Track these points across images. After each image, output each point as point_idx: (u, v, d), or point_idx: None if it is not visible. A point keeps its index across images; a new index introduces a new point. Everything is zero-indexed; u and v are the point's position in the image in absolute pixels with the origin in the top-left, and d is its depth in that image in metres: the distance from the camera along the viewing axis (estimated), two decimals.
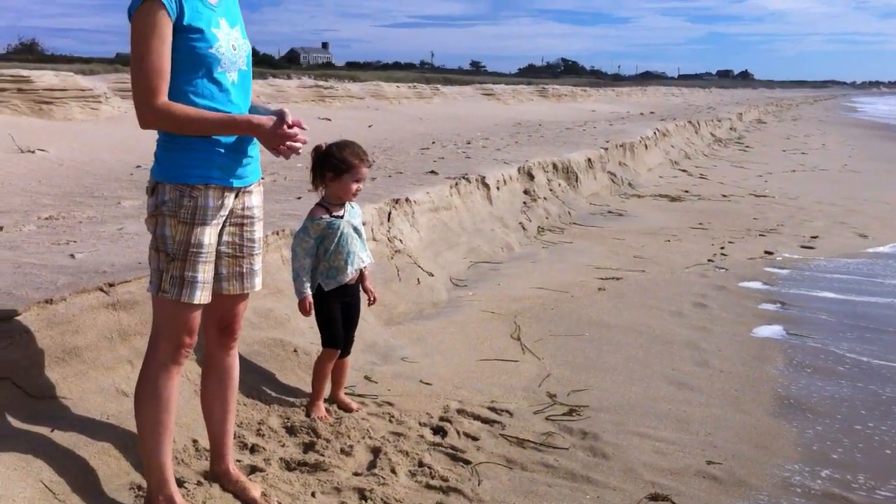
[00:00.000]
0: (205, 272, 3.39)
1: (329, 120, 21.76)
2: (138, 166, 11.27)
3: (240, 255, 3.57)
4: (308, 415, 4.57)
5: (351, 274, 4.61)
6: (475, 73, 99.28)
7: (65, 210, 7.34)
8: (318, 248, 4.56)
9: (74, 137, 14.10)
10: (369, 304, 4.90)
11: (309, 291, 4.51)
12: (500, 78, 66.43)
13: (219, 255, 3.50)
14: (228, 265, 3.55)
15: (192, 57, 3.28)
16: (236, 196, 3.49)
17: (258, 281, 3.68)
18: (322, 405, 4.64)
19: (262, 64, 45.93)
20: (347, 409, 4.72)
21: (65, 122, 16.00)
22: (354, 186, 4.52)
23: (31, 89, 16.19)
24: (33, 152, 11.91)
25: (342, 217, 4.58)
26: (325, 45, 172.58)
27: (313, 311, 4.57)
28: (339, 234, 4.54)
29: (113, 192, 8.86)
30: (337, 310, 4.65)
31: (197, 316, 3.46)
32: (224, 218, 3.46)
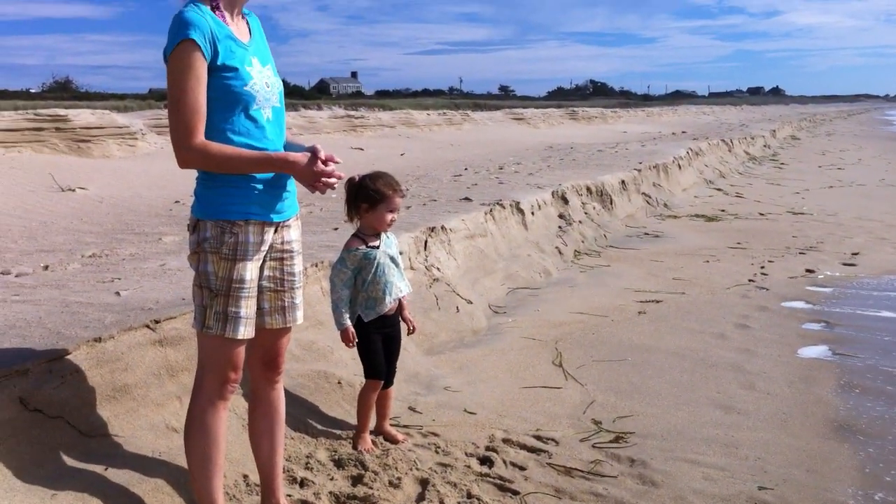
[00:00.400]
0: (248, 307, 3.42)
1: (362, 149, 21.90)
2: (177, 202, 11.40)
3: (281, 289, 3.60)
4: (355, 447, 4.58)
5: (389, 304, 4.62)
6: (504, 97, 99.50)
7: (107, 247, 7.44)
8: (355, 279, 4.58)
9: (113, 174, 14.30)
10: (409, 334, 4.91)
11: (349, 322, 4.54)
12: (530, 101, 66.54)
13: (260, 289, 3.53)
14: (270, 299, 3.58)
15: (228, 95, 3.33)
16: (276, 231, 3.53)
17: (300, 314, 3.71)
18: (368, 437, 4.65)
19: (293, 95, 46.32)
20: (393, 441, 4.72)
21: (103, 159, 16.25)
22: (389, 217, 4.55)
23: (68, 128, 16.49)
24: (74, 190, 12.11)
25: (378, 247, 4.60)
26: (354, 75, 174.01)
27: (355, 343, 4.58)
28: (375, 265, 4.56)
29: (153, 229, 8.96)
30: (378, 341, 4.66)
31: (241, 351, 3.49)
32: (265, 253, 3.50)
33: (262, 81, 3.43)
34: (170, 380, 4.34)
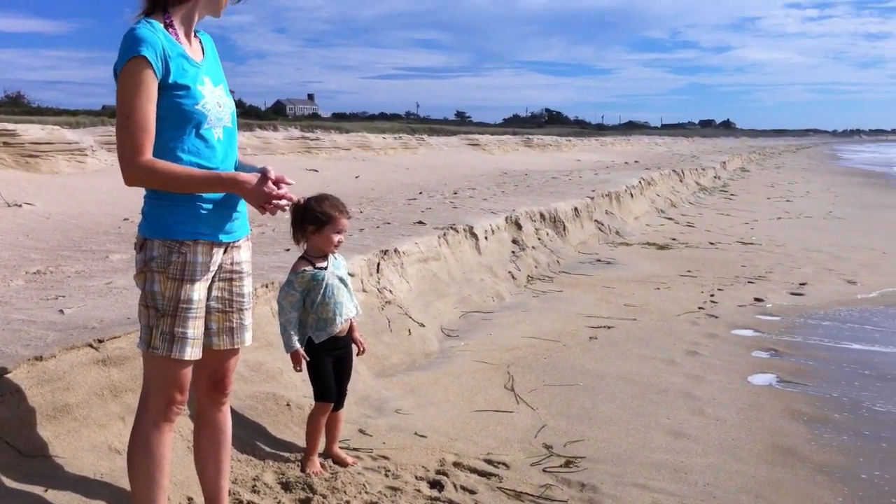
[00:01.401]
0: (195, 328, 3.36)
1: (316, 171, 21.80)
2: (126, 219, 11.24)
3: (229, 309, 3.54)
4: (303, 470, 4.50)
5: (340, 325, 4.57)
6: (460, 122, 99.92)
7: (53, 264, 7.29)
8: (304, 300, 4.53)
9: (61, 191, 14.06)
10: (359, 354, 4.85)
11: (298, 345, 4.48)
12: (485, 128, 66.81)
13: (208, 310, 3.46)
14: (218, 320, 3.51)
15: (179, 114, 3.27)
16: (225, 251, 3.47)
17: (248, 336, 3.64)
18: (317, 460, 4.58)
19: (249, 115, 46.03)
20: (343, 464, 4.65)
21: (51, 175, 15.99)
22: (336, 238, 4.51)
23: (17, 143, 16.20)
24: (20, 206, 11.88)
25: (326, 268, 4.55)
26: (310, 97, 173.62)
27: (305, 365, 4.52)
28: (324, 286, 4.51)
29: (101, 246, 8.81)
30: (328, 363, 4.60)
31: (188, 372, 3.42)
32: (213, 273, 3.43)
33: (214, 101, 3.38)
34: (113, 400, 4.25)
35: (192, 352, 3.36)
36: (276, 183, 3.34)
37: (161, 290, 3.30)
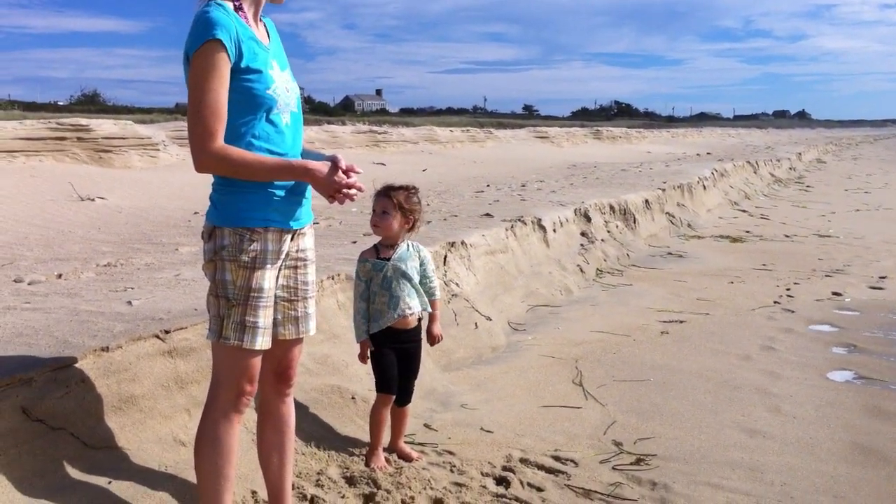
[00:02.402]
0: (265, 317, 3.31)
1: (384, 165, 21.84)
2: (196, 213, 11.35)
3: (295, 298, 3.49)
4: (367, 464, 4.45)
5: (393, 318, 4.46)
6: (528, 116, 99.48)
7: (123, 257, 7.36)
8: (367, 290, 4.49)
9: (133, 185, 14.29)
10: (431, 344, 4.76)
11: (365, 336, 4.44)
12: (554, 121, 66.41)
13: (274, 299, 3.42)
14: (283, 309, 3.47)
15: (251, 98, 3.23)
16: (292, 238, 3.43)
17: (313, 325, 3.59)
18: (381, 454, 4.52)
19: (318, 111, 46.45)
20: (407, 459, 4.59)
21: (124, 169, 16.25)
22: (373, 219, 4.44)
23: (90, 138, 16.48)
24: (93, 200, 12.08)
25: (388, 259, 4.47)
26: (378, 92, 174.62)
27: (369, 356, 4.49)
28: (381, 277, 4.46)
29: (171, 239, 8.89)
30: (390, 355, 4.52)
31: (257, 362, 3.38)
32: (281, 261, 3.39)
33: (283, 85, 3.33)
34: (179, 391, 4.24)
35: (264, 341, 3.31)
36: (346, 172, 3.28)
37: (232, 278, 3.26)
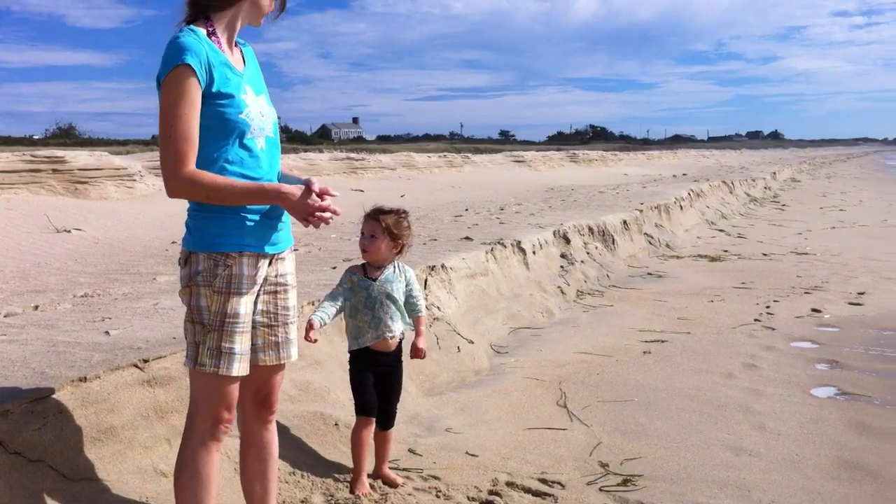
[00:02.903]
0: (242, 343, 3.27)
1: (362, 191, 21.80)
2: (173, 242, 11.26)
3: (275, 323, 3.45)
4: (352, 491, 4.39)
5: (371, 340, 4.44)
6: (504, 141, 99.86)
7: (100, 287, 7.28)
8: (346, 301, 4.45)
9: (110, 216, 14.19)
10: (413, 357, 4.68)
11: (316, 319, 4.26)
12: (530, 146, 66.71)
13: (254, 325, 3.37)
14: (263, 335, 3.42)
15: (222, 123, 3.20)
16: (270, 263, 3.39)
17: (294, 350, 3.54)
18: (366, 480, 4.46)
19: (295, 140, 46.47)
20: (392, 485, 4.53)
21: (100, 200, 16.13)
22: (362, 242, 4.44)
23: (66, 169, 16.35)
24: (69, 231, 11.98)
25: (375, 280, 4.44)
26: (355, 120, 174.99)
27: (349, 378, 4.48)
28: (366, 297, 4.43)
29: (149, 269, 8.82)
30: (369, 377, 4.47)
31: (235, 389, 3.33)
32: (259, 286, 3.35)
33: (257, 110, 3.31)
34: (159, 421, 4.17)
35: (240, 367, 3.27)
36: (321, 195, 3.25)
37: (207, 304, 3.22)
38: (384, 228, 4.37)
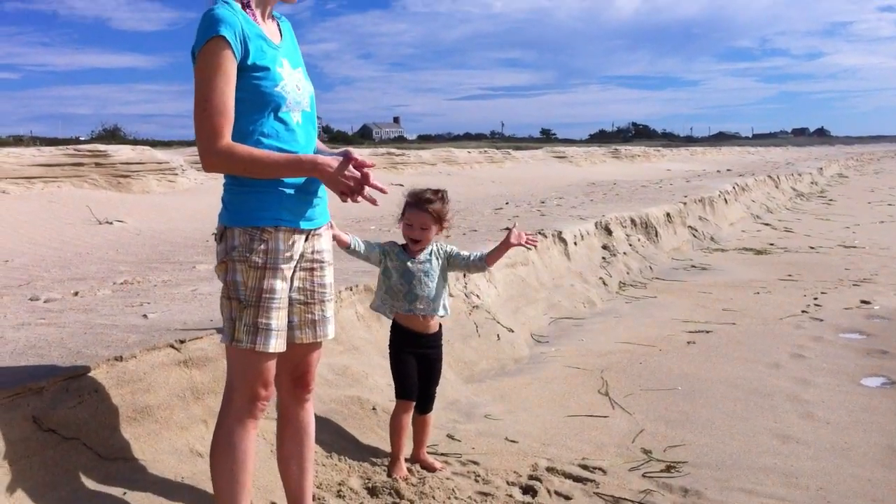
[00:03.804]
0: (279, 319, 3.21)
1: (402, 185, 21.76)
2: (214, 233, 11.29)
3: (311, 301, 3.39)
4: (389, 474, 4.32)
5: (402, 310, 4.39)
6: (546, 140, 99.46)
7: (140, 275, 7.28)
8: (382, 256, 4.40)
9: (151, 209, 14.28)
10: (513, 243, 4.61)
11: (348, 238, 4.20)
12: (571, 144, 66.34)
13: (290, 302, 3.32)
14: (300, 312, 3.37)
15: (258, 96, 3.15)
16: (306, 239, 3.33)
17: (331, 329, 3.48)
18: (403, 464, 4.39)
19: (337, 140, 46.67)
20: (431, 469, 4.46)
21: (142, 194, 16.23)
22: (405, 229, 4.38)
23: (108, 163, 16.45)
24: (111, 223, 12.06)
25: (415, 258, 4.39)
26: (396, 120, 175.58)
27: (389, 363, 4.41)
28: (403, 269, 4.37)
29: (188, 258, 8.82)
30: (410, 360, 4.41)
31: (272, 366, 3.27)
32: (295, 262, 3.29)
33: (293, 83, 3.25)
34: (195, 402, 4.14)
35: (277, 343, 3.21)
36: (359, 167, 3.18)
37: (243, 279, 3.17)
38: (434, 218, 4.34)
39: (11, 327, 4.75)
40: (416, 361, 4.42)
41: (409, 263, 4.36)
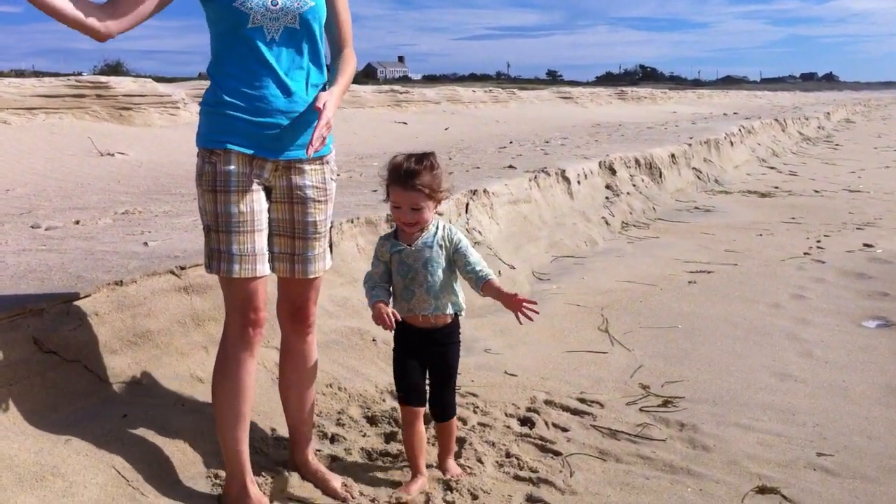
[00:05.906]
0: (241, 244, 3.15)
1: (405, 123, 21.65)
2: None
3: (291, 235, 3.33)
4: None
5: (404, 312, 3.58)
6: (552, 81, 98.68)
7: (141, 206, 7.27)
8: (386, 271, 3.66)
9: (153, 141, 14.21)
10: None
11: (379, 297, 3.53)
12: (577, 86, 65.77)
13: (271, 231, 3.29)
14: (280, 244, 3.32)
15: (215, 14, 3.15)
16: (277, 170, 3.25)
17: (312, 268, 3.37)
18: (414, 484, 3.59)
19: None
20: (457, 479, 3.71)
21: (144, 127, 16.13)
22: (403, 217, 3.55)
23: (110, 95, 16.33)
24: (112, 155, 12.02)
25: (410, 245, 3.60)
26: (401, 59, 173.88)
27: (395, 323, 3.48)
28: (398, 261, 3.61)
29: (190, 191, 8.78)
30: (410, 360, 3.65)
31: (255, 289, 3.21)
32: (258, 190, 3.21)
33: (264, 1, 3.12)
34: (196, 328, 4.15)
35: (242, 269, 3.15)
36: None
37: (203, 204, 3.19)
38: (426, 194, 3.48)
39: (12, 253, 4.75)
40: (422, 363, 3.67)
41: (403, 252, 3.60)
